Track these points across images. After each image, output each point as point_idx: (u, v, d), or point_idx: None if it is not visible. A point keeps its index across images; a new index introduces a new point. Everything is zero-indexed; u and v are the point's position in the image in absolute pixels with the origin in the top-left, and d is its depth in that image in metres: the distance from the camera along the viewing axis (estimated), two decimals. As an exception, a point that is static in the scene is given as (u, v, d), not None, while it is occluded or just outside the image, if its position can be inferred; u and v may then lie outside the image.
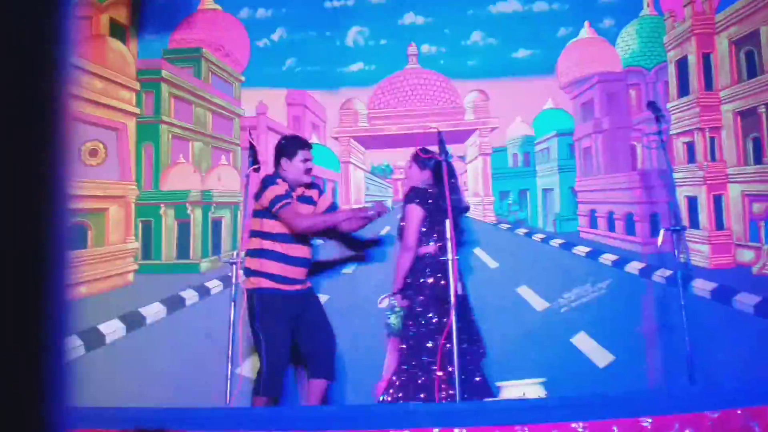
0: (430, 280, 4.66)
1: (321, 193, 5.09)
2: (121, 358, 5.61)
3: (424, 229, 4.72)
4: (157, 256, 6.21)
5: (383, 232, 5.76)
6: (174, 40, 6.64)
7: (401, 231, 4.83)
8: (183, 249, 6.24)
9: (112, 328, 5.77)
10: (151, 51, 6.56)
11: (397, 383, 4.58)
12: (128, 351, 5.67)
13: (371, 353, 5.05)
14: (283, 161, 4.79)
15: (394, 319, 4.63)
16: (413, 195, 4.77)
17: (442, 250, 4.70)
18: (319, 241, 5.09)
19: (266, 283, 4.64)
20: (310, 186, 4.95)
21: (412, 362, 4.56)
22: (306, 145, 4.92)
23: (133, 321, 5.83)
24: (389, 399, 4.56)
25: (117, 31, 6.45)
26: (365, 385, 4.95)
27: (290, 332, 4.70)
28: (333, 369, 4.86)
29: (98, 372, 5.45)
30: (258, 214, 4.74)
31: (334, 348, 4.90)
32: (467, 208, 4.99)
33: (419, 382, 4.52)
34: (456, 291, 4.32)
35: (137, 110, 6.38)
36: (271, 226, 4.74)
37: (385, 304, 4.74)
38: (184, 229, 6.27)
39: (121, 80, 6.31)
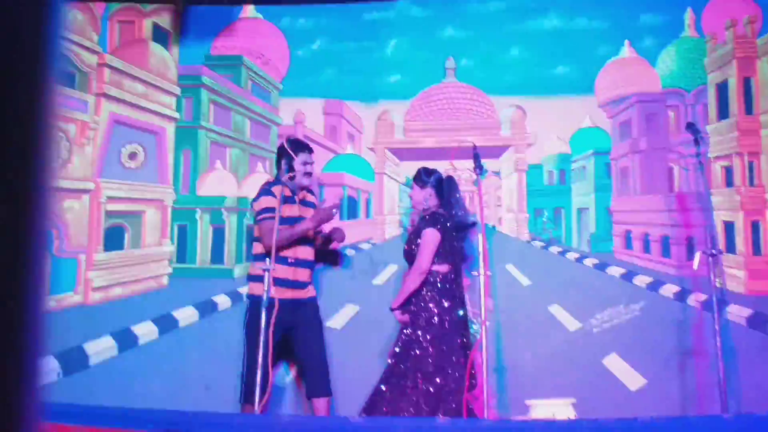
0: (432, 303, 4.67)
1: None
2: (153, 360, 5.67)
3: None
4: (192, 260, 6.26)
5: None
6: (215, 47, 6.71)
7: (410, 251, 4.84)
8: (217, 254, 6.29)
9: (145, 330, 5.83)
10: (193, 57, 6.63)
11: (385, 396, 4.58)
12: (160, 353, 5.72)
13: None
14: (284, 163, 4.87)
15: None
16: (431, 219, 4.78)
17: (452, 270, 4.72)
18: None
19: (260, 289, 4.61)
20: (310, 191, 5.05)
21: (402, 378, 4.57)
22: (307, 148, 5.00)
23: (166, 324, 5.89)
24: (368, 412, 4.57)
25: (159, 36, 6.54)
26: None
27: (278, 342, 4.64)
28: (328, 385, 4.88)
29: (130, 373, 5.52)
30: (256, 220, 4.83)
31: (326, 363, 4.92)
32: (474, 224, 5.00)
33: (405, 398, 4.52)
34: (487, 306, 4.32)
35: (177, 115, 6.45)
36: None
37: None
38: (218, 234, 6.32)
39: (162, 85, 6.39)
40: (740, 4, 6.34)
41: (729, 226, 6.14)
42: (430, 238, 4.73)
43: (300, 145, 5.03)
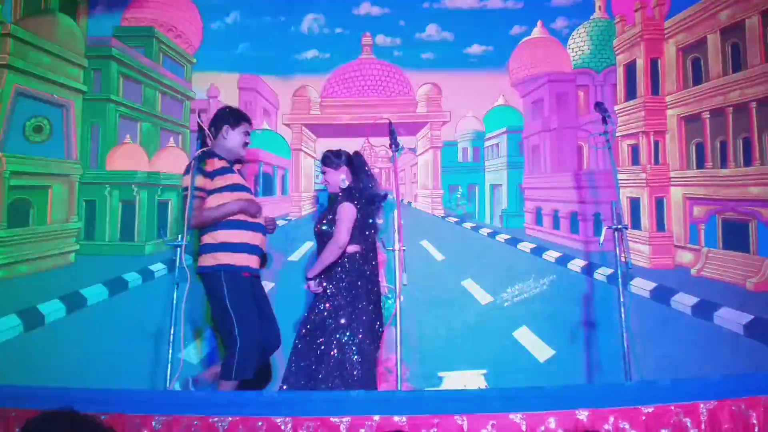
0: (346, 281, 4.67)
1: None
2: (61, 339, 5.51)
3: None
4: (101, 237, 6.11)
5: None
6: (125, 19, 6.53)
7: (320, 230, 4.79)
8: (127, 231, 6.15)
9: (52, 309, 5.66)
10: (102, 28, 6.43)
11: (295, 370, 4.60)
12: (68, 332, 5.57)
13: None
14: (225, 129, 4.62)
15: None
16: (346, 194, 4.76)
17: (365, 251, 4.73)
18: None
19: (230, 259, 4.46)
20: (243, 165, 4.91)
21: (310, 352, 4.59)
22: (249, 120, 4.82)
23: (74, 302, 5.73)
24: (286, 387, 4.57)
25: (67, 6, 6.31)
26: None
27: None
28: (270, 370, 4.81)
29: (37, 352, 5.35)
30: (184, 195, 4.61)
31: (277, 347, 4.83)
32: (385, 196, 5.02)
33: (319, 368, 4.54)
34: (401, 281, 4.35)
35: (85, 88, 6.26)
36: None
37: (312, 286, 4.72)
38: (129, 210, 6.18)
39: (69, 57, 6.17)
40: (649, -13, 6.53)
41: (635, 203, 6.35)
42: (347, 211, 4.72)
43: (243, 116, 4.82)
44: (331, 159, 4.88)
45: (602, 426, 3.30)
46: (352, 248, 4.72)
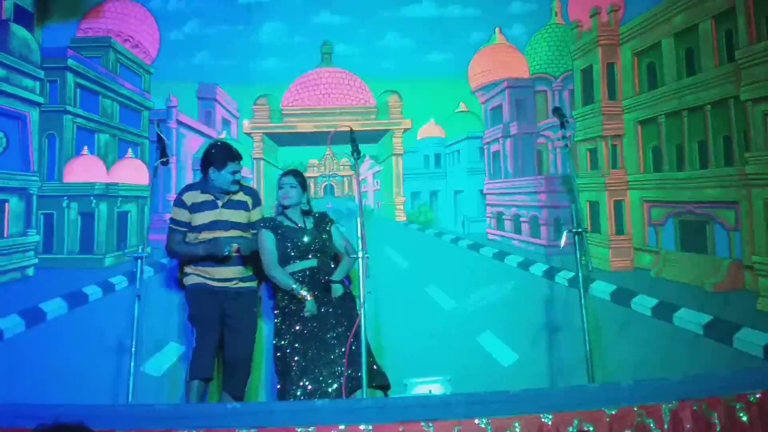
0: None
1: (256, 204, 5.12)
2: (21, 354, 5.41)
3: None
4: (59, 250, 6.02)
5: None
6: (81, 29, 6.44)
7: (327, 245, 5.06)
8: (87, 243, 6.07)
9: (11, 324, 5.56)
10: (58, 39, 6.34)
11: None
12: (28, 347, 5.47)
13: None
14: (212, 171, 4.85)
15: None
16: (262, 222, 4.99)
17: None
18: None
19: (193, 279, 4.92)
20: (245, 191, 5.04)
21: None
22: (236, 157, 4.92)
23: (33, 316, 5.63)
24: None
25: (22, 17, 6.21)
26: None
27: (218, 322, 4.86)
28: (243, 387, 4.88)
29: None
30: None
31: (249, 363, 4.90)
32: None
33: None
34: (365, 288, 4.37)
35: (41, 99, 6.16)
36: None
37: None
38: (88, 222, 6.09)
39: (24, 68, 6.08)
40: (604, -7, 6.62)
41: (594, 207, 6.42)
42: (261, 238, 4.93)
43: (229, 155, 4.90)
44: (304, 179, 5.10)
45: (567, 429, 3.34)
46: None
